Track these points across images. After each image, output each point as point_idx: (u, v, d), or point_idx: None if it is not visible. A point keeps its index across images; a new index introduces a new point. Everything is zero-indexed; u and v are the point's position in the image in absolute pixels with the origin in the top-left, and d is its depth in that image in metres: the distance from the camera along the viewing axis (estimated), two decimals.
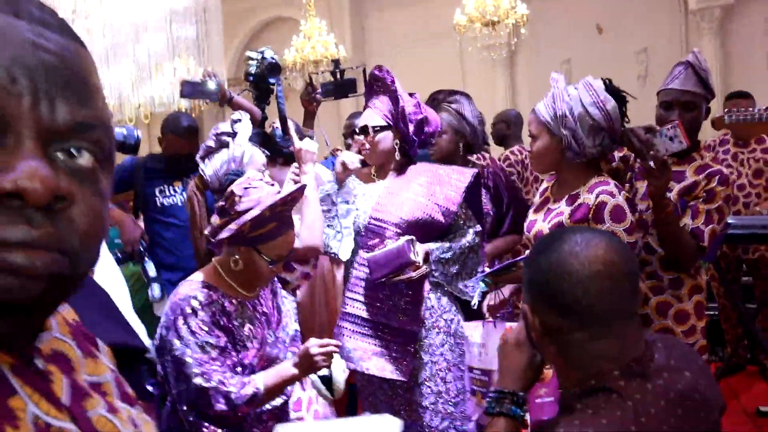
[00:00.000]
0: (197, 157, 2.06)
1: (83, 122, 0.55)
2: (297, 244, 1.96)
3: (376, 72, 2.43)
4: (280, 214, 1.70)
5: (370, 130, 2.39)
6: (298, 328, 1.99)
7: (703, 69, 2.19)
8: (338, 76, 2.79)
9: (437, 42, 12.90)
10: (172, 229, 3.44)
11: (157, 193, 3.54)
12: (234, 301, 1.75)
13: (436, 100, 2.84)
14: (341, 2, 13.66)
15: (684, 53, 11.49)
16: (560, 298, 1.15)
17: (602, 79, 2.19)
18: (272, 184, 1.79)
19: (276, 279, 1.97)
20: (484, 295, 2.04)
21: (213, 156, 2.07)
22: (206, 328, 1.63)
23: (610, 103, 2.07)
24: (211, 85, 3.10)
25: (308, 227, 2.08)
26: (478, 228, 2.41)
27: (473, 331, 2.03)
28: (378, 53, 14.27)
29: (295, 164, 2.34)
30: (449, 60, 13.08)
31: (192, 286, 1.74)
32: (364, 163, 2.46)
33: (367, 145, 2.40)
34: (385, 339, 2.29)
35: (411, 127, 2.40)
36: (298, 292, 2.32)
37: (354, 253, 2.35)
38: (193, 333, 1.61)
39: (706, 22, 11.02)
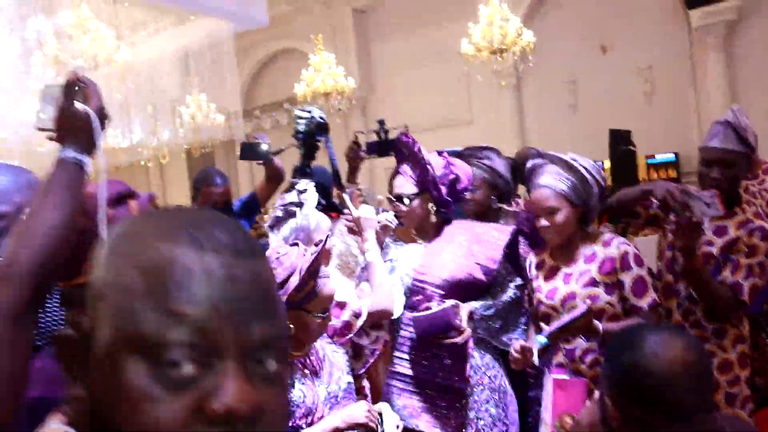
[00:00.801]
0: (266, 226, 2.11)
1: (273, 336, 0.62)
2: (369, 308, 2.01)
3: (402, 138, 2.49)
4: (315, 270, 1.74)
5: (405, 198, 2.45)
6: (352, 380, 2.00)
7: (741, 127, 2.25)
8: (382, 135, 2.88)
9: (443, 66, 13.02)
10: None
11: None
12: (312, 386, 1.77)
13: (464, 156, 2.90)
14: (346, 31, 13.84)
15: (690, 69, 11.58)
16: (644, 397, 1.22)
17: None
18: (296, 244, 1.83)
19: (345, 345, 1.99)
20: (541, 351, 2.08)
21: (281, 225, 2.13)
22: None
23: (601, 170, 2.18)
24: (264, 147, 3.27)
25: (378, 291, 2.12)
26: (519, 281, 2.46)
27: (547, 381, 2.09)
28: (385, 79, 14.44)
29: (346, 216, 2.40)
30: (456, 84, 13.20)
31: None
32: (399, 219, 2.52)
33: (404, 212, 2.45)
34: (432, 396, 2.34)
35: (443, 189, 2.45)
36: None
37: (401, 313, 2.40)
38: None
39: (711, 37, 11.10)
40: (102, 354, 0.61)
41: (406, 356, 2.38)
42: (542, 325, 2.08)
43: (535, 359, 2.06)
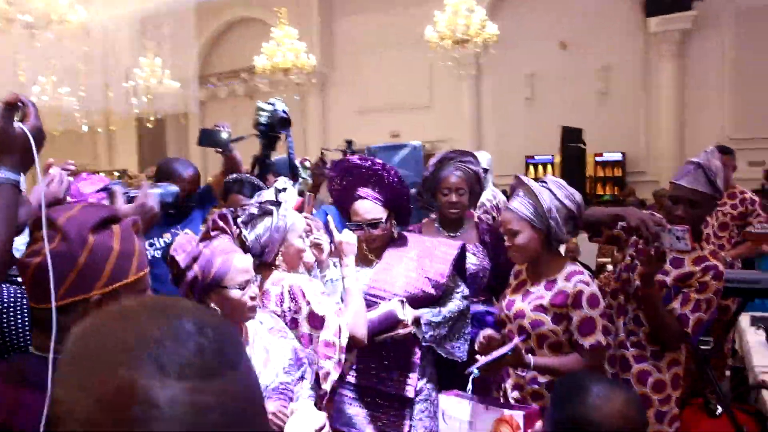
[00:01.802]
0: (240, 221, 2.06)
1: None
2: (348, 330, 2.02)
3: (358, 161, 2.48)
4: (219, 248, 1.74)
5: (378, 223, 2.45)
6: (288, 381, 1.90)
7: (711, 170, 2.34)
8: (349, 154, 2.88)
9: (406, 50, 13.00)
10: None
11: (147, 247, 3.37)
12: None
13: (448, 159, 2.92)
14: (311, 6, 13.64)
15: (644, 73, 11.91)
16: None
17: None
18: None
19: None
20: (474, 381, 2.14)
21: (256, 223, 2.09)
22: None
23: (578, 195, 2.25)
24: (224, 135, 3.17)
25: (355, 318, 2.12)
26: (466, 291, 2.52)
27: (456, 405, 2.11)
28: (346, 59, 14.32)
29: (315, 234, 2.36)
30: (416, 69, 13.20)
31: None
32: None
33: (376, 236, 2.45)
34: (381, 405, 2.39)
35: (406, 206, 2.53)
36: None
37: None
38: None
39: (666, 44, 11.44)
40: None
41: (357, 366, 2.43)
42: (477, 357, 2.16)
43: (469, 388, 2.13)
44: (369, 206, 2.47)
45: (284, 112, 3.16)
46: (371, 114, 13.71)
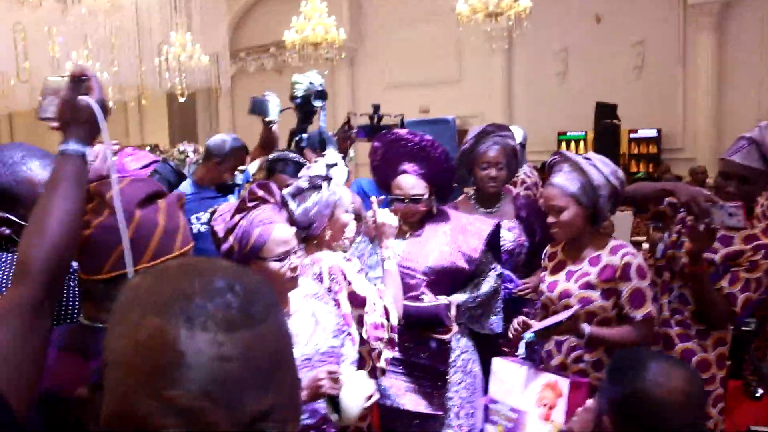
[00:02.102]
0: (287, 194, 2.04)
1: (269, 409, 0.62)
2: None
3: (407, 135, 2.43)
4: (258, 218, 1.71)
5: (422, 199, 2.42)
6: (336, 344, 1.89)
7: (766, 146, 2.26)
8: (375, 120, 2.82)
9: (435, 24, 12.83)
10: None
11: (193, 221, 3.38)
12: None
13: (487, 133, 2.87)
14: None
15: (681, 47, 11.58)
16: (644, 422, 1.27)
17: None
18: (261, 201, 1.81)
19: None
20: (527, 346, 2.13)
21: (306, 196, 2.07)
22: None
23: (621, 172, 2.20)
24: (269, 104, 3.14)
25: (395, 302, 2.11)
26: (499, 270, 2.53)
27: (508, 367, 2.10)
28: (375, 33, 14.18)
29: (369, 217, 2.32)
30: (447, 42, 13.02)
31: None
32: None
33: (417, 211, 2.42)
34: (416, 376, 2.40)
35: (449, 179, 2.51)
36: None
37: None
38: None
39: (705, 16, 11.09)
40: (103, 428, 0.62)
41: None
42: (530, 321, 2.12)
43: (522, 352, 2.11)
44: (413, 181, 2.45)
45: (320, 85, 3.14)
46: (400, 89, 13.58)
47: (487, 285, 2.46)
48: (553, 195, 2.20)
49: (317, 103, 3.19)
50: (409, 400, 2.41)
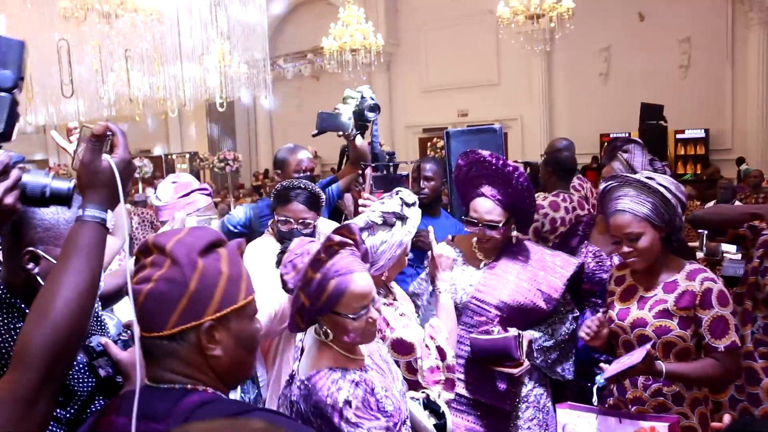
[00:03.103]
0: (358, 228, 1.91)
1: None
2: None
3: (488, 157, 2.29)
4: (334, 269, 1.56)
5: (496, 225, 2.28)
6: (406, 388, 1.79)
7: None
8: (390, 170, 2.62)
9: (472, 27, 12.68)
10: None
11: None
12: (365, 372, 1.64)
13: (615, 148, 2.74)
14: None
15: (729, 44, 11.19)
16: None
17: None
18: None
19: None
20: (599, 390, 1.99)
21: (375, 231, 1.91)
22: (365, 417, 1.56)
23: (681, 185, 2.04)
24: (344, 118, 3.02)
25: (450, 337, 2.00)
26: (576, 313, 2.38)
27: (578, 418, 1.95)
28: (411, 37, 14.08)
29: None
30: (485, 45, 12.86)
31: (327, 379, 1.53)
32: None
33: (490, 238, 2.28)
34: (479, 416, 2.26)
35: (529, 208, 2.33)
36: None
37: None
38: (356, 426, 1.48)
39: (754, 11, 10.69)
40: None
41: (459, 375, 2.30)
42: (603, 365, 1.98)
43: (595, 399, 1.97)
44: (489, 206, 2.28)
45: (372, 98, 3.05)
46: (438, 92, 13.47)
47: (562, 327, 2.32)
48: (626, 222, 2.03)
49: (370, 116, 3.09)
50: None
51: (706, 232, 4.66)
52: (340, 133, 3.04)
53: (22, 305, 1.28)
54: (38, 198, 1.17)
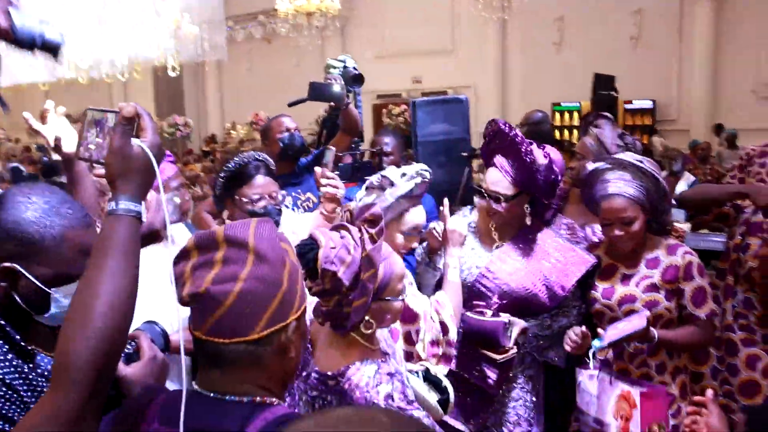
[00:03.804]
0: (364, 187, 1.95)
1: None
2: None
3: (501, 126, 2.24)
4: (373, 255, 1.55)
5: (501, 197, 2.21)
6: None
7: None
8: (357, 157, 2.56)
9: None
10: None
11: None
12: (389, 361, 1.62)
13: (587, 121, 2.73)
14: None
15: (678, 17, 11.44)
16: None
17: None
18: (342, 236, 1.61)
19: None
20: (594, 355, 2.03)
21: (370, 193, 1.95)
22: (408, 407, 1.46)
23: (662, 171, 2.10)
24: (337, 88, 2.91)
25: (456, 314, 1.99)
26: (583, 309, 2.31)
27: (587, 380, 2.03)
28: (366, 1, 13.85)
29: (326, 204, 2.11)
30: (440, 10, 12.74)
31: (361, 374, 1.48)
32: None
33: (496, 211, 2.22)
34: (463, 391, 2.24)
35: (543, 191, 2.23)
36: None
37: None
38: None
39: None
40: None
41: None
42: (599, 330, 2.03)
43: (591, 362, 2.02)
44: (496, 177, 2.22)
45: (354, 68, 2.97)
46: (392, 58, 13.32)
47: (564, 320, 2.26)
48: (622, 206, 2.06)
49: (353, 88, 3.02)
50: (459, 415, 2.27)
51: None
52: (333, 104, 2.97)
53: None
54: (28, 43, 1.06)
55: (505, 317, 2.10)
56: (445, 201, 2.22)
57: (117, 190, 1.00)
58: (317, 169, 2.20)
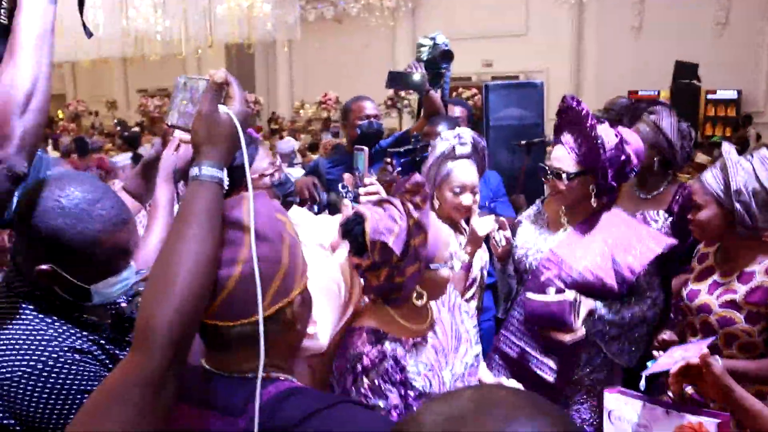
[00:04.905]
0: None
1: None
2: None
3: (569, 101, 2.14)
4: (422, 221, 1.55)
5: (563, 174, 2.11)
6: (479, 351, 1.77)
7: None
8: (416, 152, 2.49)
9: None
10: None
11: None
12: (408, 345, 1.61)
13: (638, 109, 2.59)
14: None
15: None
16: None
17: None
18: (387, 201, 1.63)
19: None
20: (648, 378, 1.89)
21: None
22: (377, 390, 1.52)
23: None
24: (417, 76, 2.89)
25: None
26: (660, 298, 2.16)
27: (624, 405, 1.88)
28: None
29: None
30: None
31: (360, 339, 1.54)
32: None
33: (559, 189, 2.14)
34: (528, 386, 2.16)
35: (610, 173, 2.10)
36: None
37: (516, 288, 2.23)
38: (365, 396, 1.48)
39: None
40: None
41: (513, 338, 2.19)
42: (655, 352, 1.89)
43: (642, 386, 1.88)
44: (560, 154, 2.12)
45: (445, 44, 2.92)
46: (463, 42, 13.06)
47: (635, 308, 2.12)
48: (696, 190, 1.97)
49: (444, 65, 2.98)
50: None
51: None
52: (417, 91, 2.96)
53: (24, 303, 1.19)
54: None
55: (570, 294, 2.00)
56: (476, 198, 2.13)
57: (201, 156, 1.00)
58: (347, 176, 2.13)
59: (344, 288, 1.59)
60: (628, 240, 2.12)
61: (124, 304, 1.35)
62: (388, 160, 2.56)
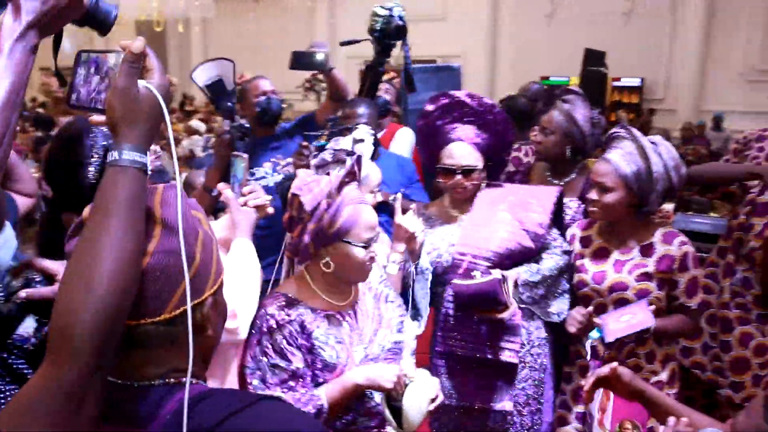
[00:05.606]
0: (312, 165, 1.85)
1: None
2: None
3: (465, 98, 2.18)
4: (349, 196, 1.60)
5: (474, 171, 2.18)
6: (401, 339, 1.80)
7: None
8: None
9: None
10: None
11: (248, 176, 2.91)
12: (320, 315, 1.62)
13: (553, 96, 2.65)
14: None
15: None
16: None
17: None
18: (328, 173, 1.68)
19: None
20: (593, 347, 2.01)
21: (328, 170, 1.88)
22: (279, 350, 1.57)
23: (684, 168, 2.03)
24: (320, 56, 2.86)
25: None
26: (566, 246, 2.25)
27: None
28: None
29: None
30: None
31: (274, 302, 1.63)
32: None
33: (465, 185, 2.17)
34: (486, 374, 2.21)
35: (503, 156, 2.29)
36: None
37: (440, 290, 2.21)
38: (265, 353, 1.57)
39: None
40: None
41: (456, 335, 2.21)
42: (596, 320, 1.98)
43: (588, 354, 1.99)
44: (466, 151, 2.17)
45: (401, 18, 2.89)
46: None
47: (550, 261, 2.20)
48: (604, 171, 2.03)
49: (398, 39, 2.97)
50: (481, 398, 2.23)
51: None
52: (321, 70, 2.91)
53: None
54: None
55: (497, 273, 2.05)
56: (398, 195, 2.12)
57: (120, 138, 0.88)
58: (221, 185, 1.96)
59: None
60: (522, 200, 2.22)
61: None
62: (305, 143, 2.58)
